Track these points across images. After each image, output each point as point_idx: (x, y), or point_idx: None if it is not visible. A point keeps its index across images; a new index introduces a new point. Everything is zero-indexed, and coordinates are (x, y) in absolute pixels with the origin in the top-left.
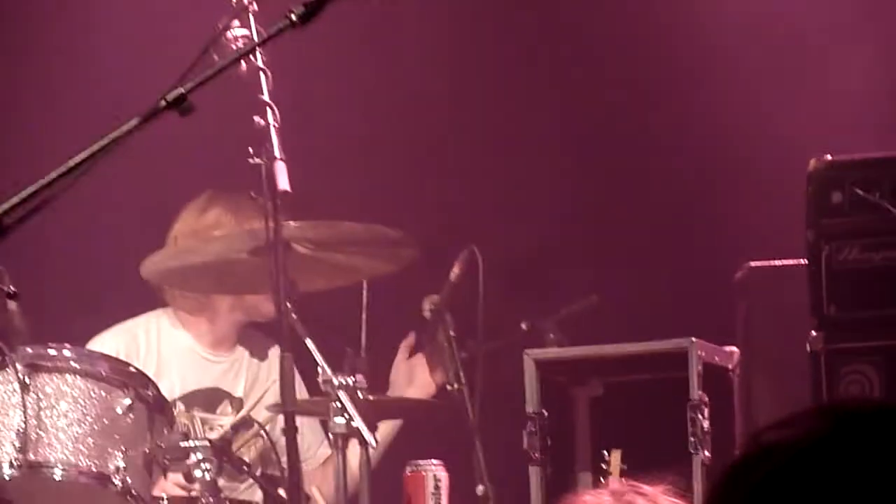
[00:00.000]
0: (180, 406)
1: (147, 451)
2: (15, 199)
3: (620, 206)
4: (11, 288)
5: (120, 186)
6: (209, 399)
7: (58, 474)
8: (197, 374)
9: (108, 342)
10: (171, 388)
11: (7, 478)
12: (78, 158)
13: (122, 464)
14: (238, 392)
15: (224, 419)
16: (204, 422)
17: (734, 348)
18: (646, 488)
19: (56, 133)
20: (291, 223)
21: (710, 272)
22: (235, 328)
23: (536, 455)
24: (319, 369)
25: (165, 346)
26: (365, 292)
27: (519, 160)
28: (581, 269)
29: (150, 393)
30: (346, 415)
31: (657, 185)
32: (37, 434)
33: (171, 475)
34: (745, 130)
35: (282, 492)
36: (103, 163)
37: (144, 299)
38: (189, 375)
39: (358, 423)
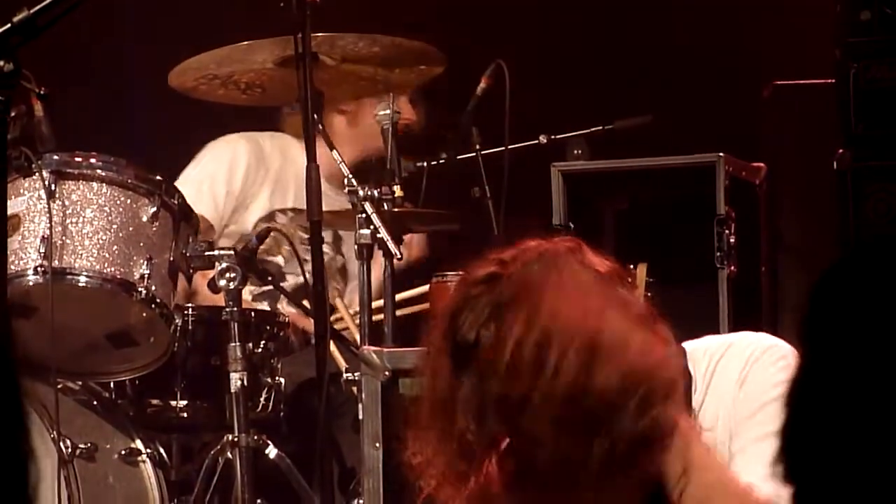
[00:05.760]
0: (287, 216)
1: (172, 259)
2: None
3: (648, 22)
4: (42, 90)
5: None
6: None
7: (82, 281)
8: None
9: (232, 142)
10: (283, 198)
11: (32, 284)
12: None
13: (146, 271)
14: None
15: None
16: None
17: (761, 164)
18: (588, 255)
19: None
20: (319, 34)
21: (737, 90)
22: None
23: None
24: (345, 180)
25: (288, 163)
26: (392, 105)
27: None
28: (608, 86)
29: (175, 201)
30: (371, 226)
31: (684, 1)
32: (62, 241)
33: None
34: None
35: (306, 302)
36: None
37: (173, 109)
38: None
39: (383, 234)
